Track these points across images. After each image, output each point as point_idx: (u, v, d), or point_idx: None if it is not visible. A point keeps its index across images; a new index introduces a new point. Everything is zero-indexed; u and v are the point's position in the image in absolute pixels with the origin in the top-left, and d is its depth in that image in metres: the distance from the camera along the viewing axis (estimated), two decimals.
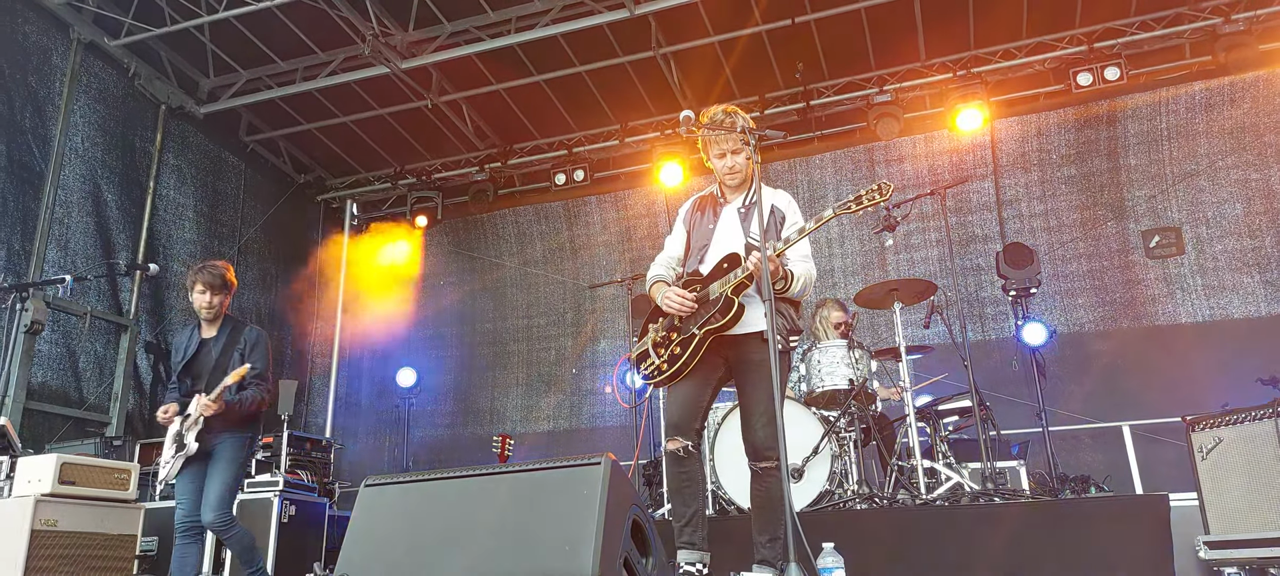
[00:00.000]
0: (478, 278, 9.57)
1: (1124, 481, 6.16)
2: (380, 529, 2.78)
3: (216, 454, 4.26)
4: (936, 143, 8.11)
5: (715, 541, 3.41)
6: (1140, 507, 4.00)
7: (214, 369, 4.33)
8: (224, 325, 4.45)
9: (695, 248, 3.58)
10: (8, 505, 4.66)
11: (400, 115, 8.54)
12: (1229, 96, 7.34)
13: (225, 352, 4.35)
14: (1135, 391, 6.98)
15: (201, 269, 4.38)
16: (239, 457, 4.32)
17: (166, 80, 7.70)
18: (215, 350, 4.38)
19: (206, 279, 4.36)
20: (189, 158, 8.11)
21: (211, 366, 4.34)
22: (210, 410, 4.12)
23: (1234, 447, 4.01)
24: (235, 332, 4.43)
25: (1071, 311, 7.55)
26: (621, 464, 2.62)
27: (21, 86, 6.49)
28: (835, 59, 7.90)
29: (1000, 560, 3.91)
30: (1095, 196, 7.69)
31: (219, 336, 4.42)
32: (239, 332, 4.43)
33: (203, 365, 4.38)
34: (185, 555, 4.26)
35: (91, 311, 6.92)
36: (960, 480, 4.89)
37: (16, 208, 6.41)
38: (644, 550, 2.69)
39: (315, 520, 5.85)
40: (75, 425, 6.71)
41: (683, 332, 3.40)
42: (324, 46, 7.63)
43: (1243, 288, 7.12)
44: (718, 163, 3.51)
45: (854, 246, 8.25)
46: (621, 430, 8.30)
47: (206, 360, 4.38)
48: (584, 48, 7.57)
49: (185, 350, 4.43)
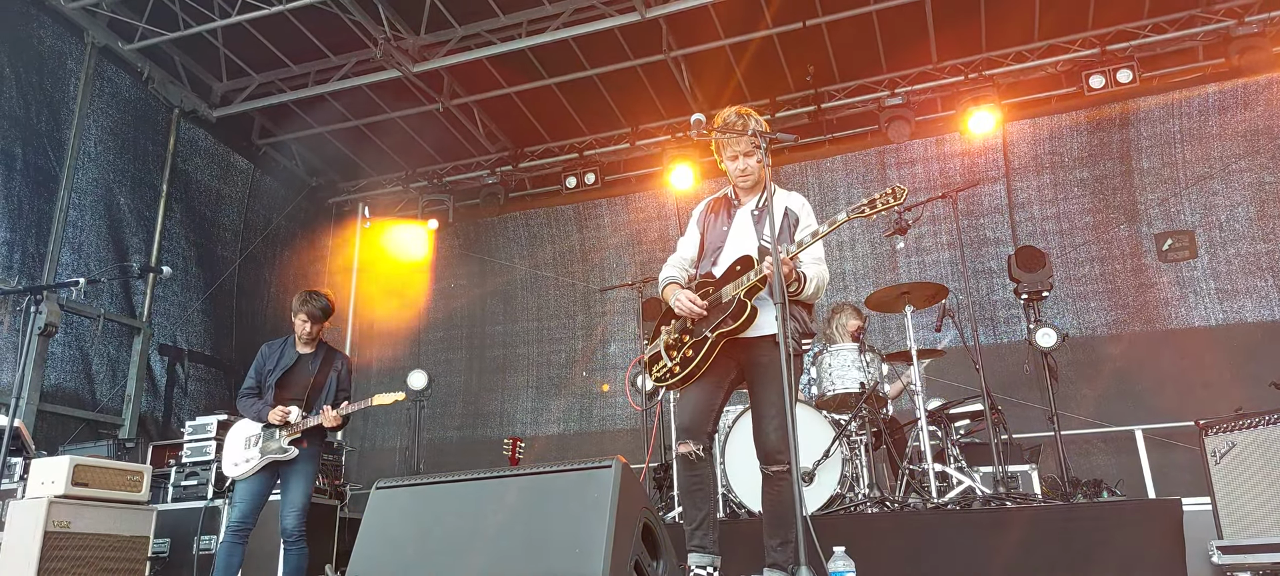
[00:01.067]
0: (488, 281, 9.59)
1: (1136, 486, 6.12)
2: (391, 531, 2.78)
3: (298, 461, 4.56)
4: (948, 145, 8.09)
5: (726, 545, 3.40)
6: (1153, 512, 3.97)
7: (311, 386, 4.68)
8: (320, 348, 4.83)
9: (709, 249, 3.58)
10: (22, 506, 4.70)
11: (412, 118, 8.57)
12: (1242, 99, 7.29)
13: (322, 370, 4.73)
14: (1148, 395, 6.94)
15: (308, 299, 4.74)
16: (316, 469, 4.69)
17: (180, 84, 7.76)
18: (312, 368, 4.73)
19: (310, 310, 4.72)
20: (201, 161, 8.16)
21: (309, 383, 4.68)
22: (334, 422, 4.51)
23: (1248, 452, 3.97)
24: (330, 356, 4.82)
25: (1084, 315, 7.51)
26: (632, 467, 2.61)
27: (36, 90, 6.55)
28: (846, 62, 7.90)
29: (1012, 564, 3.89)
30: (1107, 199, 7.65)
31: (316, 355, 4.79)
32: (334, 357, 4.84)
33: (299, 379, 4.70)
34: (231, 555, 4.42)
35: (104, 314, 6.97)
36: (972, 484, 4.86)
37: (31, 210, 6.47)
38: (655, 553, 2.69)
39: (327, 522, 5.87)
40: (88, 427, 6.76)
41: (695, 335, 3.40)
42: (336, 50, 7.67)
43: (1256, 291, 7.06)
44: (730, 165, 3.52)
45: (865, 249, 8.23)
46: (632, 433, 8.30)
47: (303, 375, 4.71)
48: (595, 51, 7.59)
49: (281, 361, 4.74)
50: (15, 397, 4.14)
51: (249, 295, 8.58)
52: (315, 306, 4.74)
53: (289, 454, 4.52)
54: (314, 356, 4.79)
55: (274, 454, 4.52)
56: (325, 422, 4.53)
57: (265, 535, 5.43)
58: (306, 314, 4.72)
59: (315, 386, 4.69)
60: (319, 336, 4.82)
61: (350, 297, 9.68)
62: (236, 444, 4.66)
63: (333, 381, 4.72)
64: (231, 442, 4.70)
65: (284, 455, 4.52)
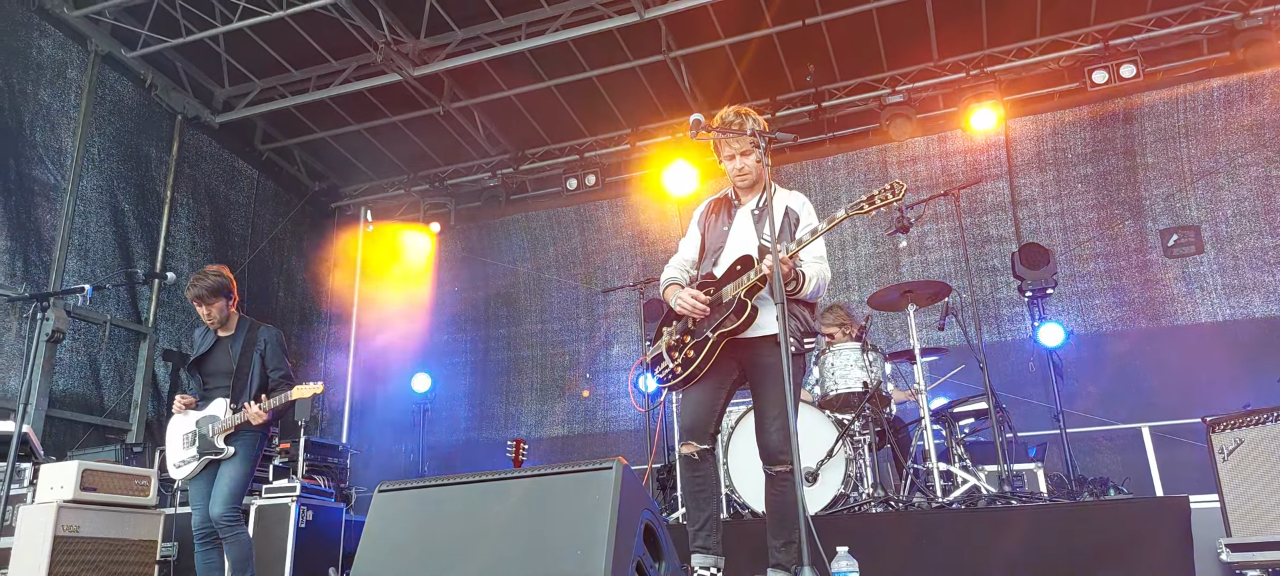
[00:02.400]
0: (491, 283, 9.61)
1: (1143, 483, 6.09)
2: (395, 533, 2.79)
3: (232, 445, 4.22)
4: (950, 143, 8.07)
5: (729, 545, 3.40)
6: (1160, 510, 3.95)
7: (235, 372, 4.28)
8: (240, 326, 4.41)
9: (709, 250, 3.58)
10: (31, 511, 4.72)
11: (413, 122, 8.59)
12: (1248, 92, 7.25)
13: (244, 354, 4.31)
14: (1154, 392, 6.90)
15: (190, 283, 4.32)
16: (253, 454, 4.26)
17: (182, 90, 7.79)
18: (234, 350, 4.33)
19: (195, 293, 4.29)
20: (205, 167, 8.20)
21: (231, 368, 4.29)
22: (260, 419, 4.12)
23: (1256, 448, 3.95)
24: (252, 333, 4.38)
25: (1088, 312, 7.48)
26: (635, 468, 2.61)
27: (35, 100, 6.57)
28: (847, 60, 7.88)
29: (1017, 563, 3.87)
30: (1112, 195, 7.62)
31: (237, 336, 4.37)
32: (256, 333, 4.39)
33: (221, 364, 4.33)
34: (208, 562, 4.21)
35: (111, 320, 7.00)
36: (977, 482, 4.85)
37: (37, 218, 6.50)
38: (657, 555, 2.69)
39: (332, 524, 5.88)
40: (96, 432, 6.79)
41: (697, 335, 3.40)
42: (337, 55, 7.70)
43: (1264, 286, 7.02)
44: (728, 165, 3.51)
45: (868, 248, 8.21)
46: (635, 434, 8.30)
47: (223, 359, 4.34)
48: (594, 52, 7.59)
49: (199, 347, 4.41)
50: (23, 403, 4.14)
51: (253, 300, 8.61)
52: (202, 286, 4.28)
53: (226, 452, 4.19)
54: (234, 338, 4.37)
55: (212, 454, 4.21)
56: (252, 421, 4.14)
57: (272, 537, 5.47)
58: (194, 296, 4.30)
59: (239, 371, 4.28)
60: (232, 315, 4.40)
61: (354, 301, 9.70)
62: (175, 442, 4.35)
63: (256, 363, 4.31)
64: (171, 440, 4.38)
65: (222, 454, 4.20)
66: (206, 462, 4.23)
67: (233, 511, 4.14)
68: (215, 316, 4.33)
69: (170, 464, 4.32)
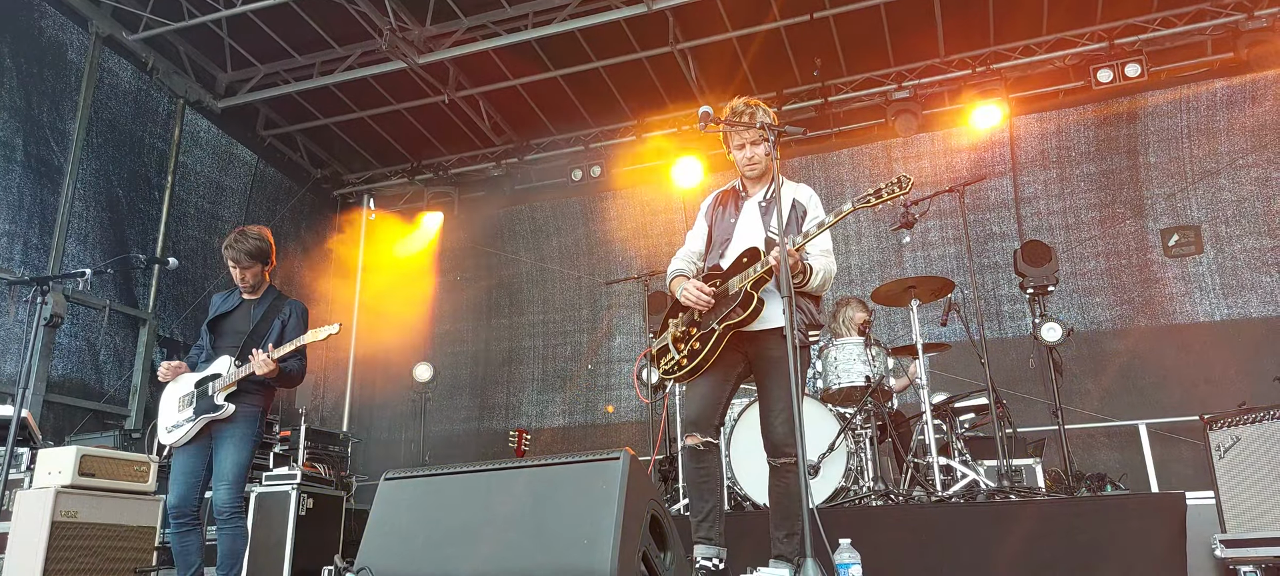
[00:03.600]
0: (494, 273, 9.60)
1: (1140, 480, 6.13)
2: (400, 522, 2.80)
3: (233, 424, 3.99)
4: (955, 139, 8.07)
5: (732, 536, 3.41)
6: (1156, 506, 3.97)
7: (252, 333, 4.08)
8: (267, 293, 4.27)
9: (716, 241, 3.58)
10: (29, 496, 4.71)
11: (417, 110, 8.57)
12: (1251, 94, 7.27)
13: (266, 318, 4.13)
14: (1152, 390, 6.95)
15: (230, 243, 4.15)
16: (253, 437, 4.04)
17: (184, 75, 7.76)
18: (255, 313, 4.16)
19: (234, 255, 4.13)
20: (206, 152, 8.17)
21: (249, 330, 4.09)
22: (266, 368, 3.88)
23: (1252, 446, 3.98)
24: (278, 303, 4.22)
25: (1089, 310, 7.50)
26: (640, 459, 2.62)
27: (37, 81, 6.55)
28: (854, 55, 7.88)
29: (1016, 557, 3.89)
30: (1114, 194, 7.63)
31: (261, 302, 4.22)
32: (282, 304, 4.23)
33: (239, 325, 4.16)
34: (185, 546, 3.96)
35: (110, 305, 6.99)
36: (976, 477, 4.87)
37: (35, 202, 6.48)
38: (662, 545, 2.70)
39: (333, 513, 5.90)
40: (94, 417, 6.78)
41: (702, 327, 3.40)
42: (341, 41, 7.67)
43: (1262, 287, 7.05)
44: (737, 154, 3.52)
45: (871, 243, 8.22)
46: (637, 426, 8.32)
47: (242, 320, 4.16)
48: (601, 43, 7.57)
49: (221, 307, 4.24)
50: (21, 388, 4.12)
51: None
52: (242, 249, 4.12)
53: (224, 410, 3.94)
54: (258, 303, 4.21)
55: (209, 413, 3.95)
56: (258, 370, 3.89)
57: (272, 525, 5.48)
58: (232, 258, 4.14)
59: (255, 334, 4.07)
60: (264, 282, 4.26)
61: (356, 290, 9.70)
62: (169, 406, 4.10)
63: (276, 330, 4.11)
64: (165, 405, 4.13)
65: (219, 413, 3.94)
66: (201, 428, 3.99)
67: (236, 498, 3.94)
68: (249, 280, 4.19)
69: (162, 428, 4.08)
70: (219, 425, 4.00)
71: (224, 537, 3.93)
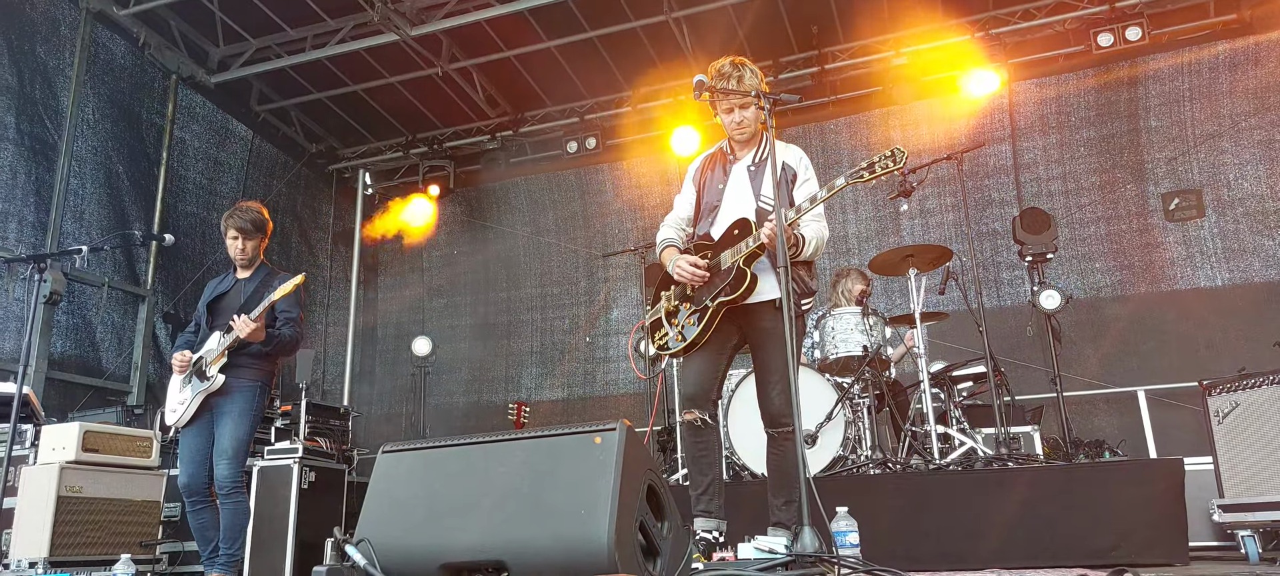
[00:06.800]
0: (490, 247, 9.59)
1: (1139, 446, 6.14)
2: (399, 494, 2.81)
3: (231, 397, 3.99)
4: (953, 106, 7.99)
5: (730, 506, 3.43)
6: (1155, 471, 3.98)
7: (242, 307, 4.01)
8: (259, 270, 4.26)
9: (706, 208, 3.52)
10: (34, 472, 4.75)
11: (411, 83, 8.50)
12: (1253, 56, 7.19)
13: (256, 294, 4.09)
14: (1151, 356, 6.95)
15: (232, 213, 4.17)
16: (255, 406, 4.03)
17: (177, 49, 7.68)
18: (247, 290, 4.14)
19: (237, 223, 4.15)
20: (200, 127, 8.11)
21: (241, 307, 4.03)
22: (249, 329, 3.85)
23: (1251, 412, 3.99)
24: (269, 276, 4.21)
25: (1088, 276, 7.49)
26: (636, 430, 2.63)
27: (30, 58, 6.49)
28: (850, 21, 7.78)
29: (1013, 524, 3.92)
30: (1115, 159, 7.58)
31: (253, 278, 4.21)
32: (274, 276, 4.20)
33: (232, 304, 4.12)
34: (202, 523, 4.00)
35: (108, 282, 6.98)
36: (974, 445, 4.89)
37: (31, 179, 6.45)
38: (659, 515, 2.71)
39: (335, 486, 5.93)
40: (96, 394, 6.81)
41: (695, 304, 3.38)
42: (333, 14, 7.59)
43: (1263, 251, 7.03)
44: (726, 117, 3.44)
45: (868, 212, 8.19)
46: (635, 398, 8.35)
47: (236, 300, 4.13)
48: (595, 12, 7.49)
49: (216, 289, 4.25)
50: (22, 365, 4.13)
51: None
52: (243, 219, 4.14)
53: (215, 382, 3.95)
54: (250, 280, 4.20)
55: (202, 386, 3.97)
56: (241, 333, 3.86)
57: (275, 498, 5.51)
58: (236, 228, 4.14)
59: (246, 307, 3.99)
60: (258, 258, 4.26)
61: (353, 264, 9.69)
62: (173, 389, 4.16)
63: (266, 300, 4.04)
64: (172, 389, 4.18)
65: (211, 384, 3.95)
66: (201, 405, 4.01)
67: (237, 472, 3.93)
68: (247, 252, 4.19)
69: (168, 410, 4.13)
70: (218, 400, 4.01)
71: (226, 512, 3.95)
